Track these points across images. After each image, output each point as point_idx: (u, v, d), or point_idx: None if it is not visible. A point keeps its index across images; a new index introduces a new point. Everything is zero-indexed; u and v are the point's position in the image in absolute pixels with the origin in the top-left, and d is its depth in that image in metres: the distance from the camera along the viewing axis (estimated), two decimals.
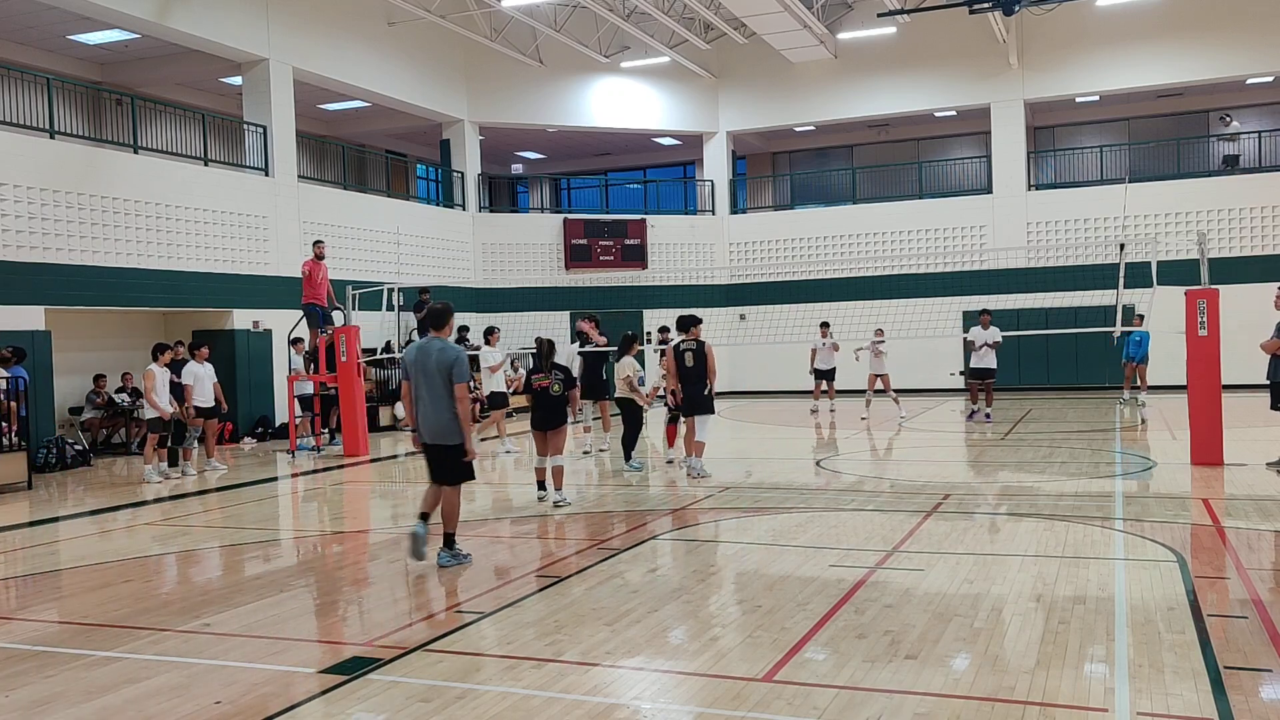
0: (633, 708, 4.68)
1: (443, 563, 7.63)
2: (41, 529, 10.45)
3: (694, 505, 10.38)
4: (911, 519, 9.16)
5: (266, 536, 9.78)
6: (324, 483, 13.49)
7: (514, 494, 11.80)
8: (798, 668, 5.15)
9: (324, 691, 5.03)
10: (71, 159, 16.44)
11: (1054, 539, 8.11)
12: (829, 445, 16.21)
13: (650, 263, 27.50)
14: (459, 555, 7.71)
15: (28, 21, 18.48)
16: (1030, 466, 12.58)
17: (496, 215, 28.02)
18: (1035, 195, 26.33)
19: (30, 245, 15.48)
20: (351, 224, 22.01)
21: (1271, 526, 8.42)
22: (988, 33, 24.82)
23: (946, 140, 29.83)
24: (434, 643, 5.78)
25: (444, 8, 22.18)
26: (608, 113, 28.02)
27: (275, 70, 20.14)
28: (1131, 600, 6.20)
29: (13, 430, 13.36)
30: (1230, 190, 24.55)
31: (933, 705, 4.58)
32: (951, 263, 25.92)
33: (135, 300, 17.21)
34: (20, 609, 7.08)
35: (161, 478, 13.60)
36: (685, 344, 12.04)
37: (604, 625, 5.97)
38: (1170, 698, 4.60)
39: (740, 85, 28.40)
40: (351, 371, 15.96)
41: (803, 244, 27.88)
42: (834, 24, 25.97)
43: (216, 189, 18.82)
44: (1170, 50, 24.61)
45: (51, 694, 5.12)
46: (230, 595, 7.15)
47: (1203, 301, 12.10)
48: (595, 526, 9.37)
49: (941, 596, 6.41)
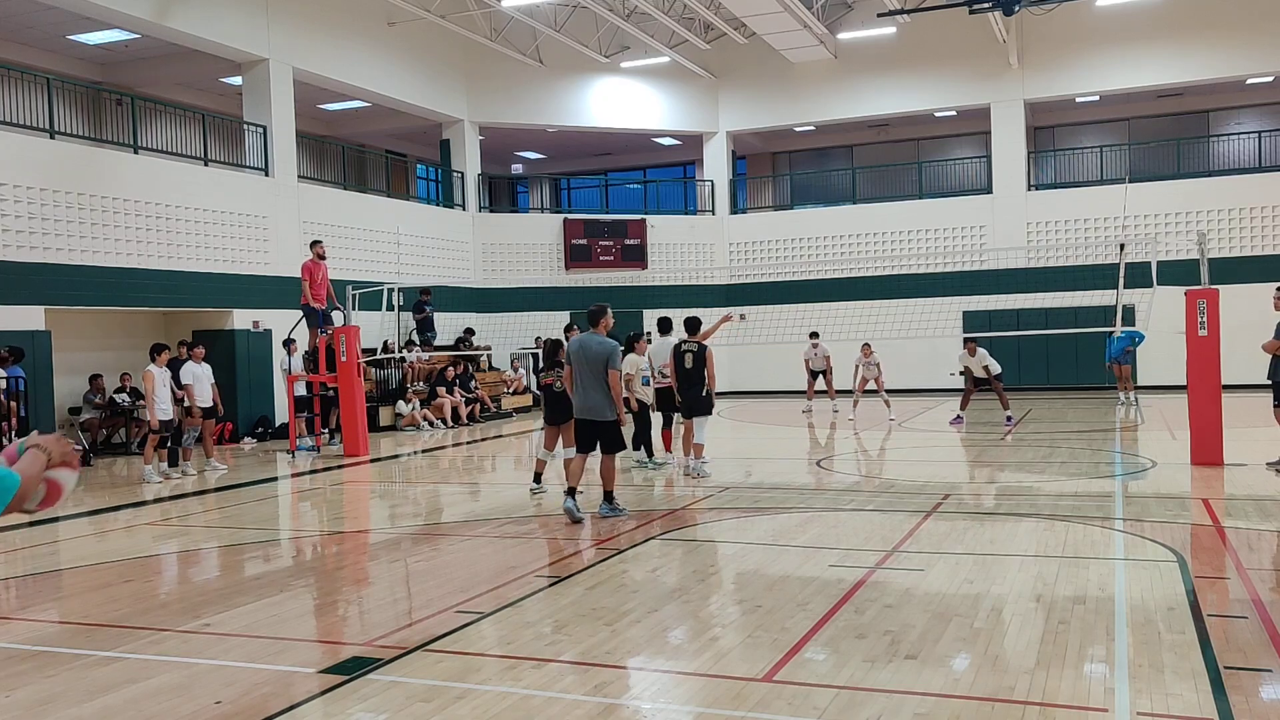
0: (633, 708, 4.68)
1: (604, 513, 9.36)
2: (41, 529, 10.45)
3: (694, 505, 10.37)
4: (911, 519, 9.15)
5: (266, 536, 9.78)
6: (324, 483, 13.49)
7: (514, 494, 11.80)
8: (798, 668, 5.15)
9: (324, 691, 5.03)
10: (71, 159, 16.44)
11: (1054, 539, 8.11)
12: (829, 445, 16.20)
13: (650, 263, 27.50)
14: (617, 509, 9.44)
15: (28, 21, 18.48)
16: (1030, 466, 12.58)
17: (496, 215, 28.02)
18: (1035, 195, 26.34)
19: (30, 245, 15.48)
20: (351, 224, 22.00)
21: (1271, 526, 8.41)
22: (988, 33, 24.82)
23: (946, 140, 29.83)
24: (434, 643, 5.77)
25: (444, 8, 22.18)
26: (608, 113, 28.02)
27: (275, 70, 20.14)
28: (1131, 600, 6.20)
29: (12, 431, 13.36)
30: (1230, 190, 24.55)
31: (933, 705, 4.58)
32: (951, 263, 25.92)
33: (135, 300, 17.21)
34: (20, 609, 7.08)
35: (161, 478, 13.60)
36: (687, 345, 12.15)
37: (604, 625, 5.97)
38: (1170, 698, 4.60)
39: (740, 85, 28.40)
40: (351, 371, 15.95)
41: (803, 244, 27.88)
42: (834, 24, 25.98)
43: (216, 189, 18.81)
44: (1170, 50, 24.61)
45: (52, 694, 5.12)
46: (230, 595, 7.15)
47: (1203, 301, 12.09)
48: (595, 527, 9.37)
49: (941, 596, 6.41)
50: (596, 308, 9.52)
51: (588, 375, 9.24)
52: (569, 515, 9.23)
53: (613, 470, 9.51)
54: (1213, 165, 26.47)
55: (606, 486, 9.49)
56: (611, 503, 9.48)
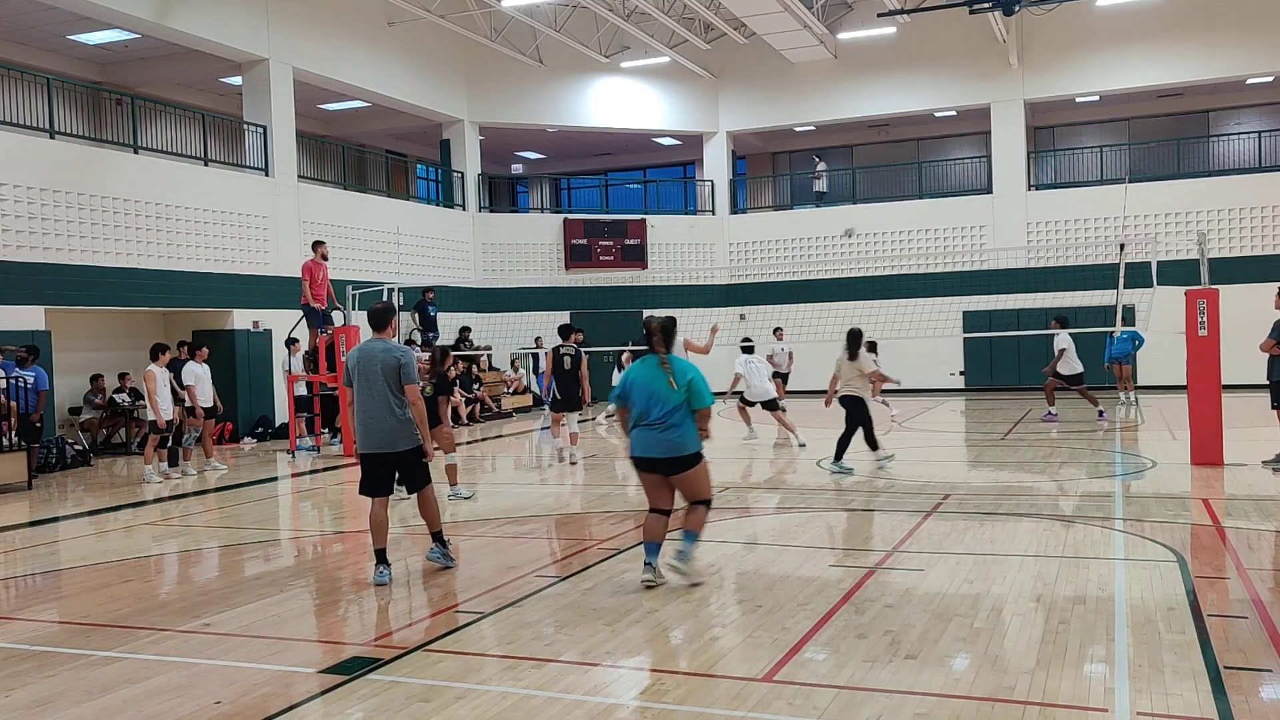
0: (633, 708, 4.68)
1: (431, 558, 7.68)
2: (41, 529, 10.45)
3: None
4: (911, 519, 9.15)
5: (266, 536, 9.78)
6: (324, 483, 13.49)
7: (515, 494, 11.80)
8: (798, 668, 5.15)
9: (324, 691, 5.03)
10: (71, 159, 16.43)
11: (1054, 539, 8.11)
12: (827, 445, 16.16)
13: (650, 263, 27.50)
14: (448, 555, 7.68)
15: (28, 21, 18.48)
16: (1030, 466, 12.57)
17: (496, 215, 28.02)
18: (1035, 195, 26.33)
19: (30, 245, 15.48)
20: (351, 224, 22.01)
21: (1271, 526, 8.41)
22: (988, 33, 24.82)
23: (946, 140, 29.83)
24: (434, 643, 5.78)
25: (444, 8, 22.18)
26: (608, 113, 28.02)
27: (275, 70, 20.14)
28: (1131, 600, 6.20)
29: (12, 431, 13.36)
30: (1230, 190, 24.55)
31: (933, 705, 4.58)
32: (951, 263, 25.92)
33: (135, 300, 17.21)
34: (20, 609, 7.08)
35: (161, 478, 13.60)
36: (565, 349, 13.71)
37: (604, 625, 5.97)
38: (1170, 698, 4.60)
39: (740, 85, 28.39)
40: None
41: (803, 244, 27.88)
42: (834, 24, 25.97)
43: (216, 189, 18.81)
44: (1170, 50, 24.60)
45: (51, 694, 5.12)
46: (230, 595, 7.15)
47: (1203, 301, 12.09)
48: (595, 527, 9.37)
49: (941, 596, 6.41)
50: (381, 306, 7.51)
51: (370, 392, 7.20)
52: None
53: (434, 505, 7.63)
54: (1213, 165, 26.46)
55: (432, 528, 7.69)
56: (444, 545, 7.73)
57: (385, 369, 7.12)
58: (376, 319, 7.40)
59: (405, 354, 7.21)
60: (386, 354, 7.16)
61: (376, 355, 7.17)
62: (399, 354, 7.17)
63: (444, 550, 7.65)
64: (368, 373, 7.15)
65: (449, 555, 7.67)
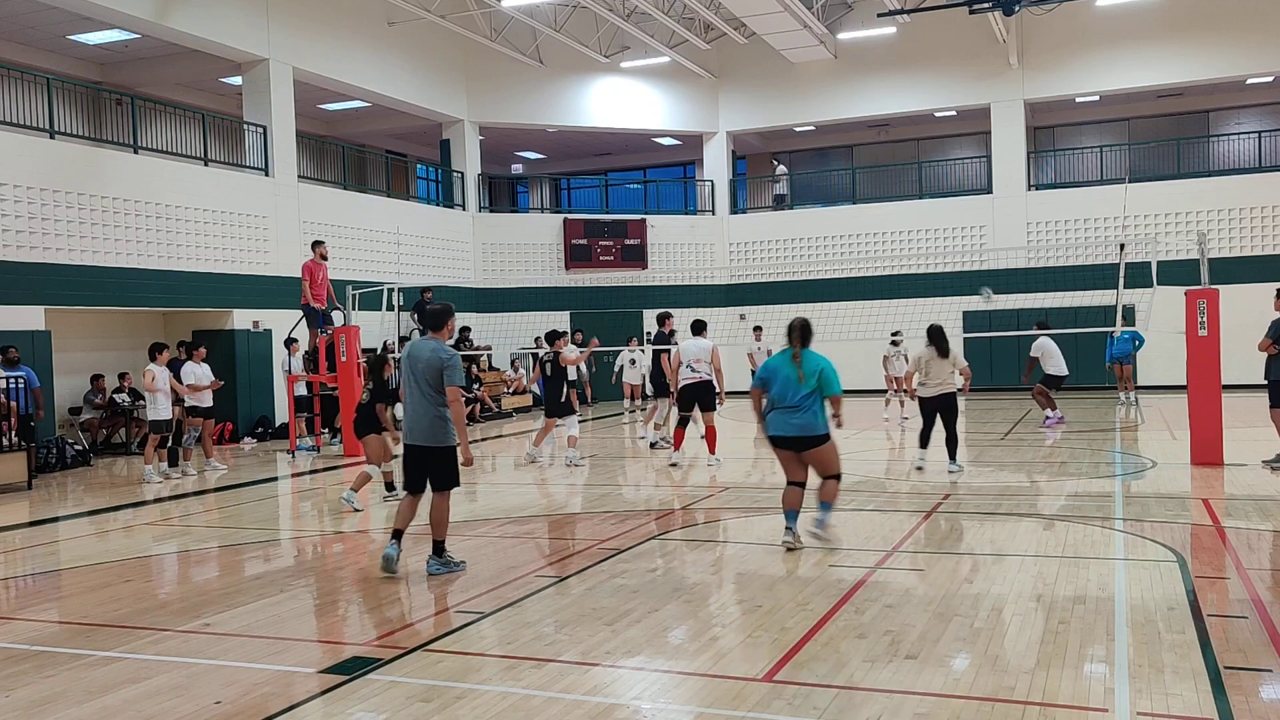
0: (633, 708, 4.68)
1: (430, 570, 7.50)
2: (41, 529, 10.46)
3: (694, 505, 10.38)
4: (911, 519, 9.15)
5: (266, 536, 9.78)
6: (324, 483, 13.49)
7: (515, 494, 11.80)
8: (798, 668, 5.15)
9: (324, 691, 5.03)
10: (71, 159, 16.43)
11: (1054, 539, 8.11)
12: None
13: (650, 263, 27.50)
14: (450, 563, 7.55)
15: (28, 21, 18.48)
16: (1030, 466, 12.57)
17: (496, 215, 28.02)
18: (1035, 195, 26.33)
19: (30, 245, 15.48)
20: (351, 224, 22.01)
21: (1271, 526, 8.41)
22: (988, 33, 24.82)
23: (946, 140, 29.83)
24: (434, 643, 5.78)
25: (444, 8, 22.18)
26: (608, 113, 28.01)
27: (275, 70, 20.14)
28: (1131, 600, 6.20)
29: (12, 431, 13.36)
30: (1230, 190, 24.54)
31: (933, 705, 4.58)
32: (951, 263, 25.91)
33: (135, 300, 17.21)
34: (20, 609, 7.08)
35: (161, 478, 13.60)
36: (545, 355, 13.73)
37: (604, 625, 5.97)
38: (1170, 698, 4.60)
39: (740, 85, 28.39)
40: (351, 371, 15.94)
41: (803, 244, 27.88)
42: (834, 24, 25.97)
43: (216, 189, 18.81)
44: (1170, 50, 24.60)
45: (51, 694, 5.12)
46: (230, 595, 7.15)
47: (1203, 301, 12.09)
48: (595, 527, 9.37)
49: (941, 596, 6.41)
50: (440, 307, 7.62)
51: (417, 390, 7.37)
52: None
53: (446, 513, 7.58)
54: (1213, 165, 26.46)
55: (437, 535, 7.60)
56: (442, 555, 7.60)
57: (429, 368, 7.28)
58: (434, 319, 7.54)
59: (452, 356, 7.31)
60: (433, 354, 7.31)
61: (424, 354, 7.35)
62: (445, 355, 7.30)
63: (441, 561, 7.51)
64: (414, 369, 7.35)
65: (446, 564, 7.51)
